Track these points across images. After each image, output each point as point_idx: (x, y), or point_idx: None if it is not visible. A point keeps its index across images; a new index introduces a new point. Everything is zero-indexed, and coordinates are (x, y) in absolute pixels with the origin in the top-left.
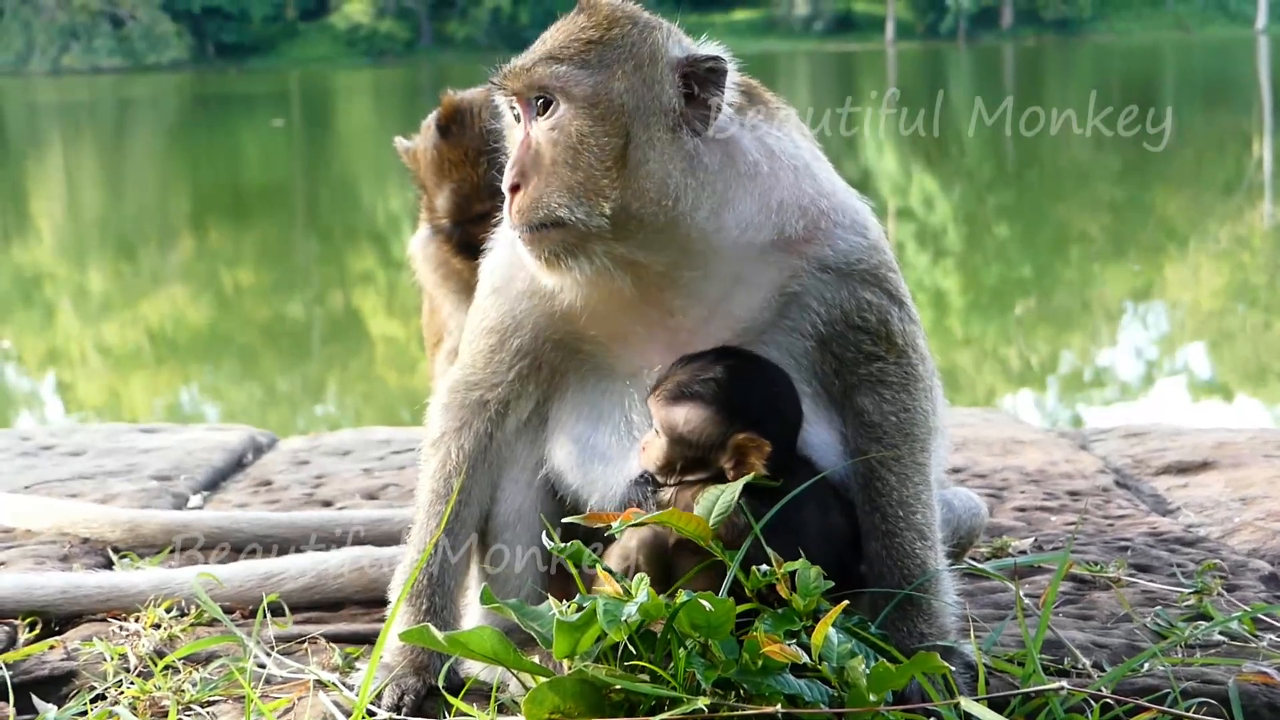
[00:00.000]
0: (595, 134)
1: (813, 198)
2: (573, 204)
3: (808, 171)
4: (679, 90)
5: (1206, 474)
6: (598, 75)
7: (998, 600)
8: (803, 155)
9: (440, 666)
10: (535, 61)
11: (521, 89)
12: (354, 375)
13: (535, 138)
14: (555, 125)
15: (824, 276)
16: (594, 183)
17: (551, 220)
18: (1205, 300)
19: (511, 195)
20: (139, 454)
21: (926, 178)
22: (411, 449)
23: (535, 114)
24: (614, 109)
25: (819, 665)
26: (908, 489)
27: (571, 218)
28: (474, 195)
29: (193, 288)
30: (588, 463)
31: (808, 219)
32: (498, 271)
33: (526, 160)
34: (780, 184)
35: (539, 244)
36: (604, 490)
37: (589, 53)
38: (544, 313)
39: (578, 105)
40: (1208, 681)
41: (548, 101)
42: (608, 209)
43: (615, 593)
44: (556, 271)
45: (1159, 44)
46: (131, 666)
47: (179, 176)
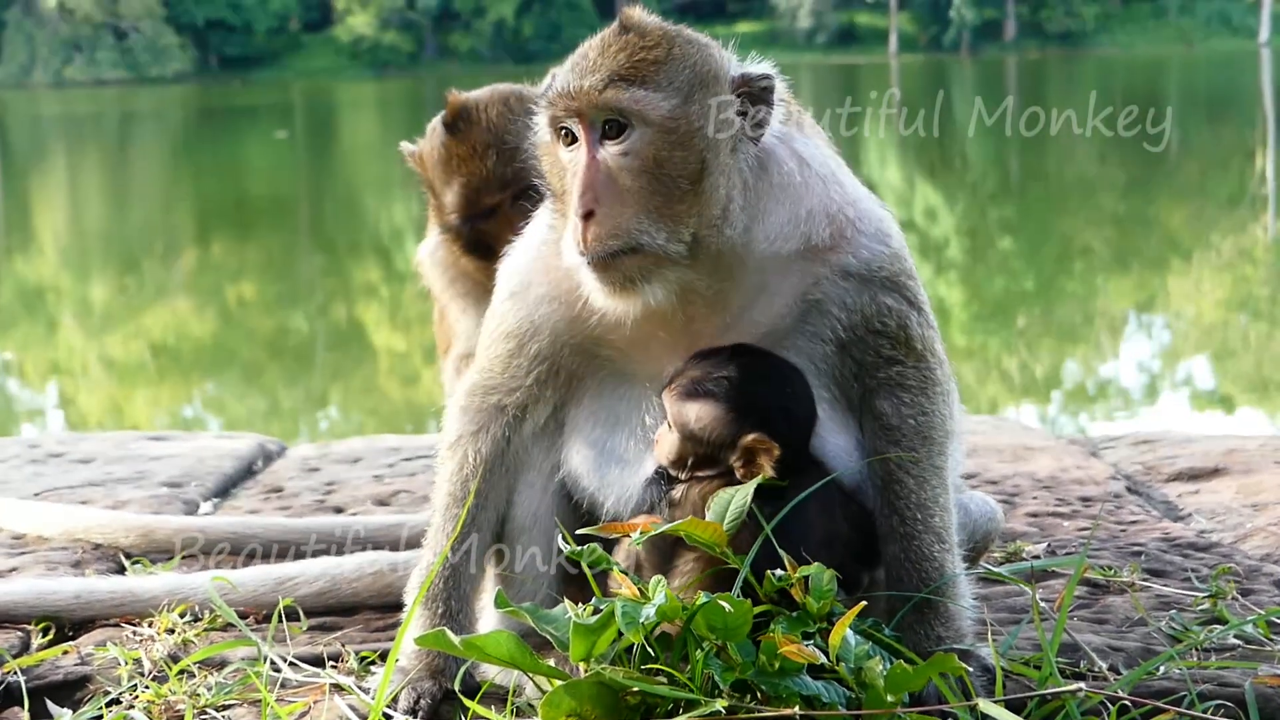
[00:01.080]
0: (674, 158)
1: (840, 206)
2: (653, 230)
3: (835, 179)
4: (737, 110)
5: (1217, 480)
6: (673, 98)
7: (1012, 604)
8: (829, 163)
9: (456, 670)
10: (605, 84)
11: (589, 111)
12: (357, 388)
13: (605, 162)
14: (629, 150)
15: (846, 283)
16: (671, 207)
17: (631, 247)
18: (1208, 312)
19: (585, 222)
20: (148, 461)
21: (929, 190)
22: (421, 456)
23: (600, 137)
24: (691, 132)
25: (836, 666)
26: (926, 492)
27: (653, 244)
28: (483, 188)
29: (196, 300)
30: (604, 466)
31: (834, 227)
32: (516, 276)
33: (599, 186)
34: (811, 192)
35: (612, 270)
36: (620, 494)
37: (659, 74)
38: (563, 318)
39: (655, 129)
40: (1224, 684)
41: (620, 125)
42: (687, 234)
43: (633, 595)
44: (627, 298)
45: (1162, 57)
46: (146, 671)
47: (182, 189)
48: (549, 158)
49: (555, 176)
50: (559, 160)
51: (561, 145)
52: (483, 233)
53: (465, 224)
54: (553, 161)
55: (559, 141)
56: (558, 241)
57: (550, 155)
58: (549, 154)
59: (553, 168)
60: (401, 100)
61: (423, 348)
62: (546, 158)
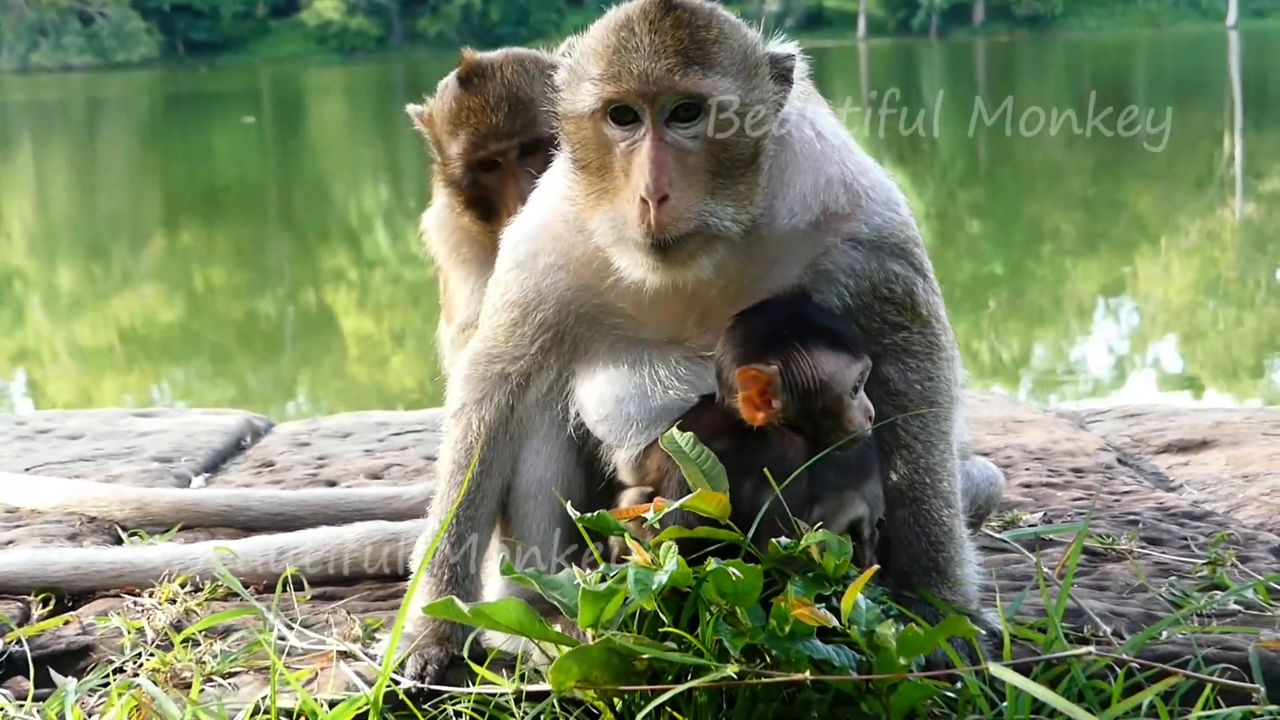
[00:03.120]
0: (739, 142)
1: (854, 174)
2: (720, 212)
3: (848, 149)
4: (774, 91)
5: (1206, 452)
6: (736, 81)
7: (1012, 572)
8: (840, 132)
9: (463, 637)
10: (680, 68)
11: (665, 95)
12: (326, 372)
13: (674, 144)
14: (699, 134)
15: (856, 251)
16: (733, 189)
17: (699, 229)
18: (1177, 295)
19: (657, 206)
20: (137, 437)
21: (899, 174)
22: (411, 431)
23: (666, 119)
24: (754, 114)
25: (848, 629)
26: (933, 456)
27: (720, 225)
28: (490, 136)
29: (164, 286)
30: (617, 426)
31: (850, 195)
32: (523, 245)
33: (672, 168)
34: (830, 161)
35: (677, 252)
36: (633, 449)
37: (720, 56)
38: (571, 286)
39: (726, 112)
40: (1227, 648)
41: (693, 109)
42: (746, 216)
43: (644, 561)
44: (681, 273)
45: (1131, 40)
46: (149, 640)
47: (150, 175)
48: (586, 133)
49: (594, 153)
50: (602, 137)
51: (610, 123)
52: (485, 187)
53: (468, 174)
54: (593, 137)
55: (605, 119)
56: (572, 211)
57: (589, 131)
58: (587, 129)
59: (592, 144)
60: (369, 85)
61: (392, 333)
62: (582, 132)
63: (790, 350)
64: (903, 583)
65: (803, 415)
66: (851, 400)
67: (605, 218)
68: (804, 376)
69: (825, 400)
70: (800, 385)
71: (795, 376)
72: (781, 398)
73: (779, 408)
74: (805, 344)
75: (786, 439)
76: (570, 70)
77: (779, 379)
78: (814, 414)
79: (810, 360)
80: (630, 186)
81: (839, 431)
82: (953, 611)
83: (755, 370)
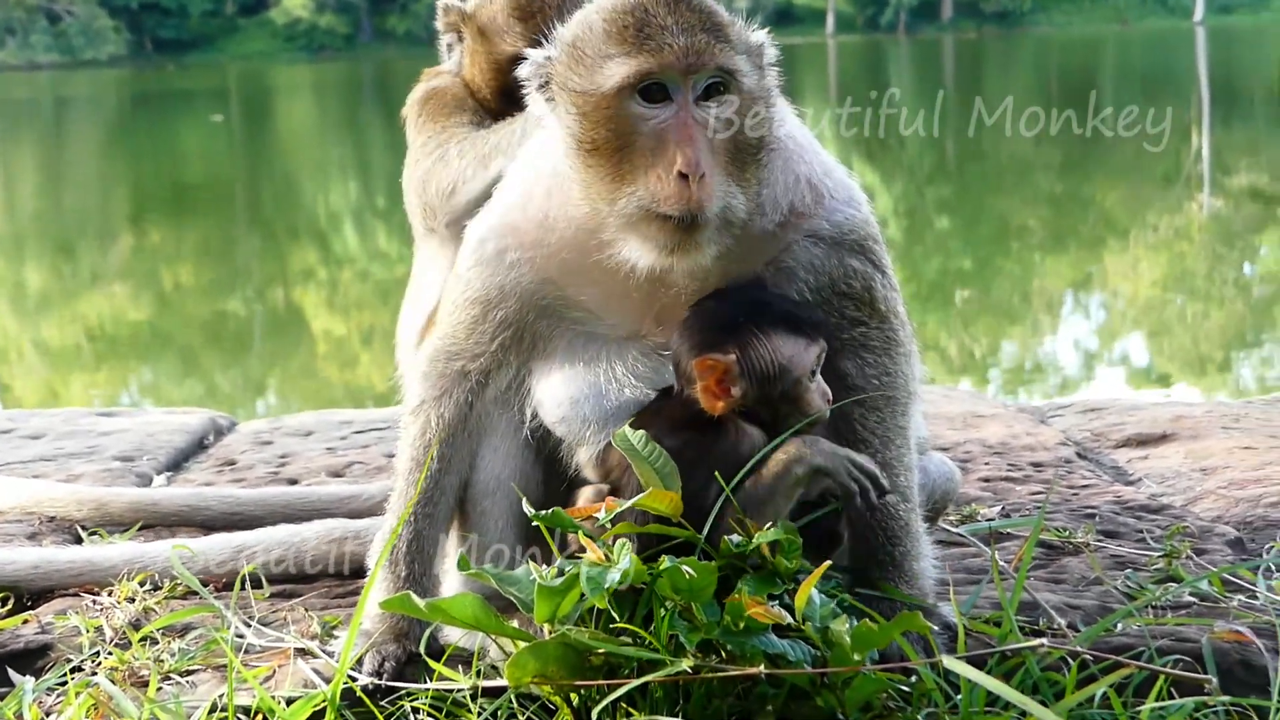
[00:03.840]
0: (756, 124)
1: (820, 174)
2: (737, 194)
3: (811, 147)
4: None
5: (1166, 446)
6: (751, 62)
7: (969, 565)
8: (806, 131)
9: (420, 633)
10: (716, 44)
11: (702, 70)
12: (295, 371)
13: (701, 123)
14: (722, 114)
15: (816, 248)
16: (743, 174)
17: (723, 210)
18: (1145, 291)
19: (699, 182)
20: (99, 436)
21: (867, 171)
22: (374, 429)
23: (697, 97)
24: (765, 100)
25: (802, 625)
26: (891, 451)
27: (737, 208)
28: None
29: (133, 285)
30: (576, 423)
31: (814, 193)
32: (489, 243)
33: (706, 147)
34: (800, 159)
35: (700, 231)
36: (592, 447)
37: (735, 37)
38: (535, 280)
39: (746, 94)
40: (1181, 640)
41: (720, 88)
42: (753, 204)
43: (597, 558)
44: (696, 256)
45: (1098, 36)
46: (108, 638)
47: (118, 173)
48: (607, 111)
49: (612, 132)
50: (626, 115)
51: (638, 100)
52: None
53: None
54: (614, 116)
55: (633, 96)
56: (577, 194)
57: (611, 109)
58: (607, 107)
59: (611, 122)
60: (338, 83)
61: (361, 331)
62: (601, 111)
63: (747, 336)
64: (859, 577)
65: (762, 401)
66: (810, 384)
67: (626, 198)
68: (763, 362)
69: (784, 384)
70: (759, 371)
71: (754, 362)
72: (741, 385)
73: (738, 395)
74: (762, 329)
75: (742, 432)
76: (574, 50)
77: (737, 366)
78: (773, 399)
79: (768, 345)
80: (661, 163)
81: (797, 416)
82: (909, 605)
83: (713, 360)
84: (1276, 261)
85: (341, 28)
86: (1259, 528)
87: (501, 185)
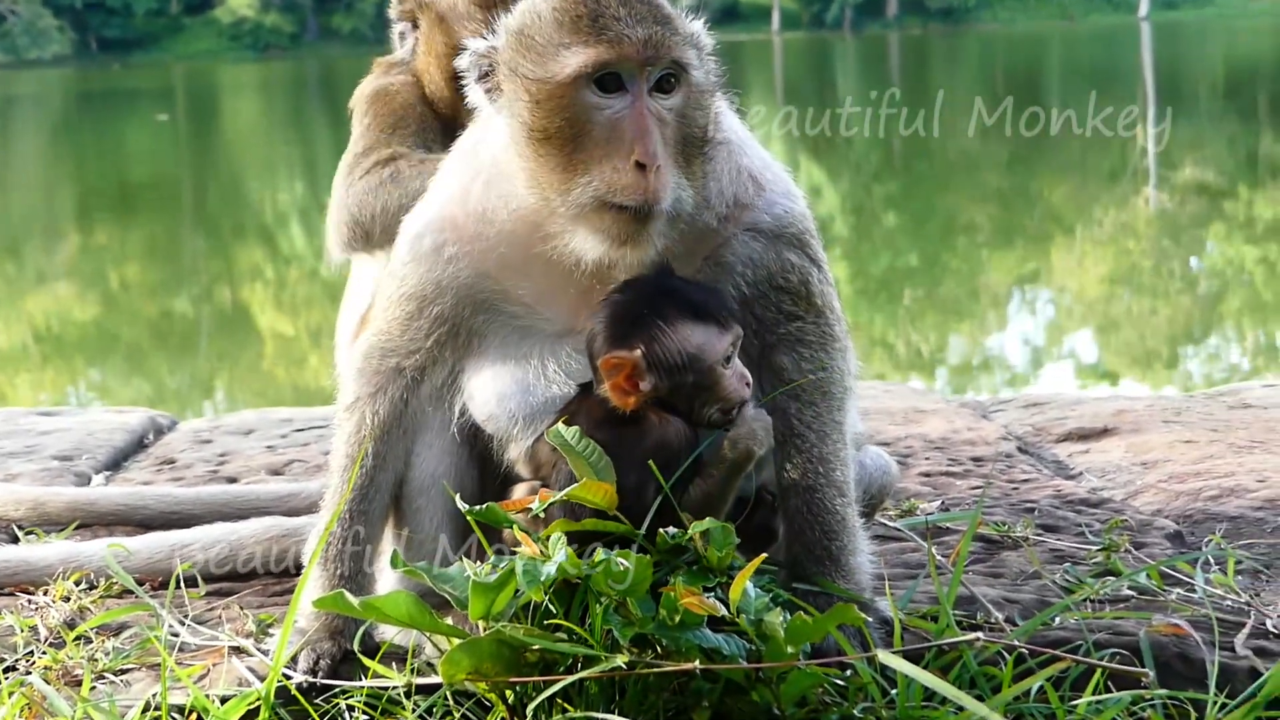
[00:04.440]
0: (703, 116)
1: (759, 167)
2: (685, 186)
3: (749, 141)
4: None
5: (1107, 440)
6: (699, 55)
7: (908, 560)
8: (741, 126)
9: (355, 630)
10: (672, 36)
11: (659, 62)
12: (243, 370)
13: (655, 113)
14: (673, 106)
15: (755, 242)
16: (689, 167)
17: (674, 202)
18: (1092, 287)
19: (655, 173)
20: (38, 435)
21: (814, 168)
22: (314, 427)
23: (649, 88)
24: (710, 92)
25: (737, 619)
26: (827, 446)
27: (684, 199)
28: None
29: (79, 285)
30: (508, 418)
31: (755, 186)
32: (426, 239)
33: (660, 138)
34: (741, 152)
35: (653, 222)
36: (521, 444)
37: (683, 30)
38: (472, 273)
39: (694, 86)
40: (1119, 634)
41: (672, 80)
42: (698, 197)
43: (533, 552)
44: (646, 249)
45: (1043, 33)
46: (42, 638)
47: (64, 173)
48: (561, 101)
49: (565, 121)
50: (580, 105)
51: (594, 90)
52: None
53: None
54: (568, 105)
55: (589, 86)
56: (524, 183)
57: (566, 98)
58: (562, 97)
59: (565, 112)
60: (283, 82)
61: (309, 330)
62: (554, 100)
63: (652, 330)
64: (796, 572)
65: (675, 392)
66: (724, 369)
67: (580, 188)
68: (669, 353)
69: (696, 374)
70: (666, 363)
71: (660, 355)
72: (649, 379)
73: (648, 389)
74: (668, 320)
75: (664, 421)
76: (523, 38)
77: (644, 361)
78: (686, 389)
79: (675, 336)
80: (618, 154)
81: (714, 403)
82: (845, 599)
83: (617, 357)
84: (1223, 256)
85: (287, 26)
86: (1198, 521)
87: (437, 178)
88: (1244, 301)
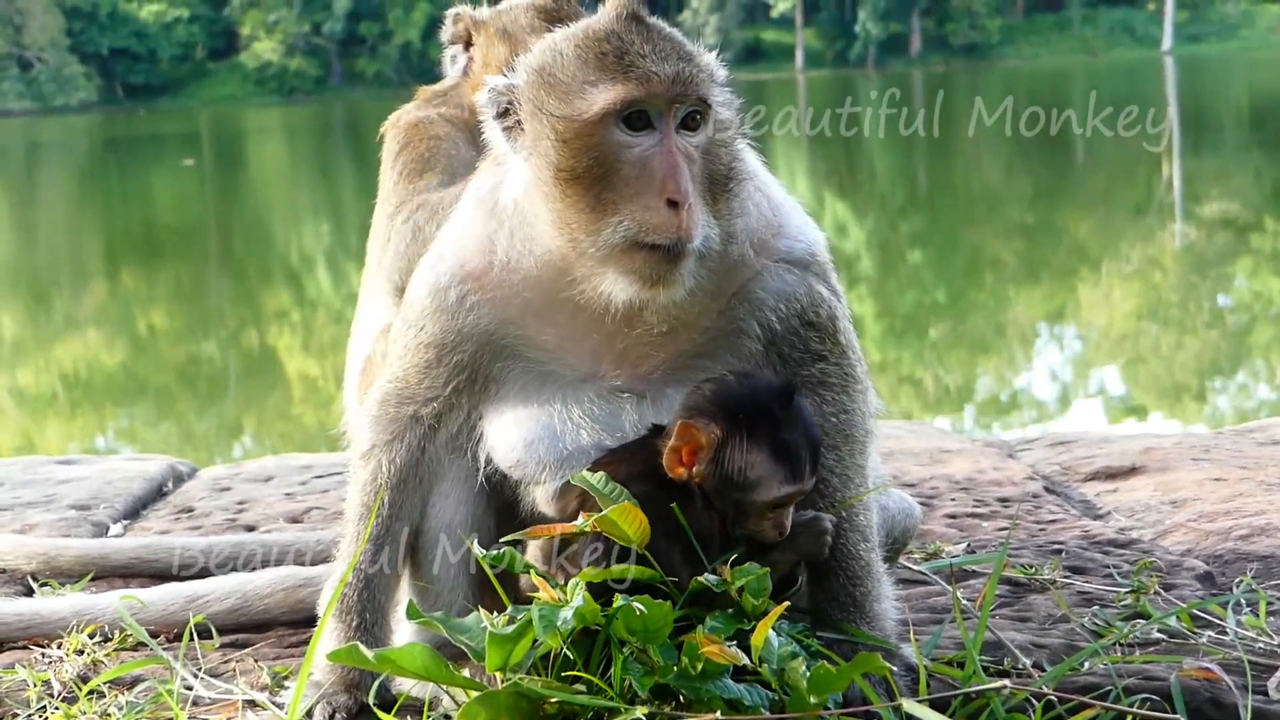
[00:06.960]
0: (728, 153)
1: (778, 202)
2: (713, 224)
3: (767, 177)
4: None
5: (1135, 479)
6: (722, 91)
7: (933, 604)
8: (757, 161)
9: (371, 683)
10: (699, 74)
11: (687, 100)
12: (271, 414)
13: (683, 151)
14: (700, 143)
15: (788, 275)
16: (715, 205)
17: (703, 240)
18: (1119, 321)
19: (689, 210)
20: (57, 485)
21: (839, 205)
22: (334, 474)
23: (676, 126)
24: (735, 129)
25: (759, 668)
26: (850, 490)
27: (713, 238)
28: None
29: (106, 330)
30: (529, 467)
31: (778, 221)
32: (450, 289)
33: (689, 175)
34: (764, 189)
35: (685, 261)
36: (548, 488)
37: (706, 68)
38: (494, 320)
39: (721, 124)
40: (1149, 678)
41: (698, 117)
42: (725, 235)
43: (550, 598)
44: (676, 289)
45: (1067, 67)
46: (55, 692)
47: (90, 219)
48: (589, 139)
49: (593, 160)
50: (608, 144)
51: (622, 128)
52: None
53: None
54: (596, 144)
55: (617, 124)
56: (551, 223)
57: (593, 137)
58: (590, 135)
59: (593, 151)
60: (309, 125)
61: (336, 373)
62: (582, 139)
63: (737, 432)
64: (819, 619)
65: (717, 494)
66: (769, 512)
67: (611, 228)
68: (732, 464)
69: (740, 495)
70: (724, 468)
71: (725, 458)
72: (703, 467)
73: (696, 474)
74: (754, 436)
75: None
76: (546, 76)
77: (708, 451)
78: (727, 498)
79: (747, 453)
80: (648, 192)
81: (743, 528)
82: (869, 646)
83: (694, 427)
84: (1250, 290)
85: (312, 71)
86: (1229, 561)
87: (454, 222)
88: (1272, 335)
